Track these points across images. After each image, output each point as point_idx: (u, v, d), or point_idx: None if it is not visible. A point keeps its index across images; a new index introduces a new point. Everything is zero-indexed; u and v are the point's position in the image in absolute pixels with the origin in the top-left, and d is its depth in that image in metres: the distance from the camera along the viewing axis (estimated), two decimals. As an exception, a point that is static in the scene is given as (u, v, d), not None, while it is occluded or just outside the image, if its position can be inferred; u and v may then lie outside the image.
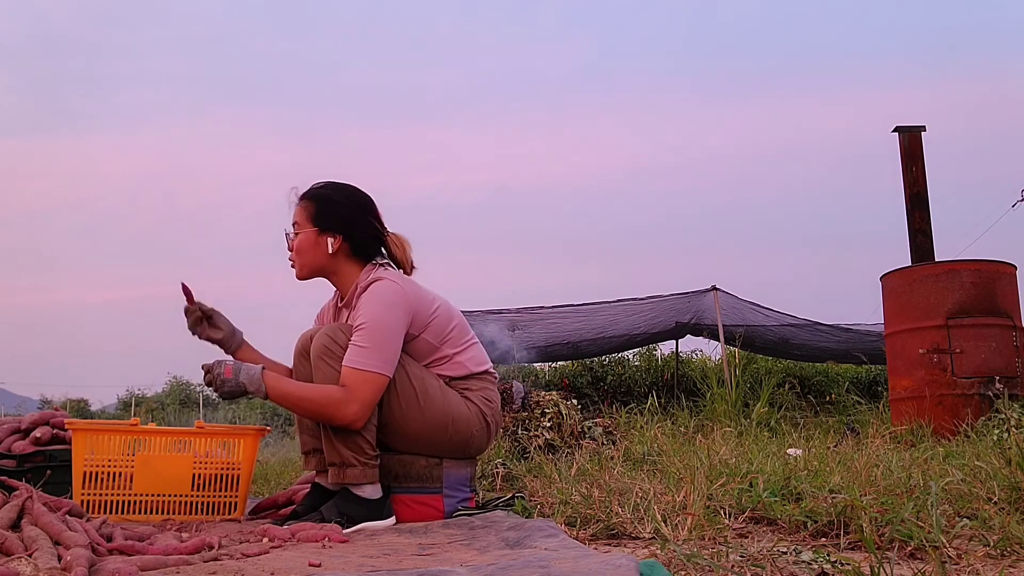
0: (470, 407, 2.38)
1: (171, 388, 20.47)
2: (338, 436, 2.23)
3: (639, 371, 14.93)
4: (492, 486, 3.27)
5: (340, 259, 2.43)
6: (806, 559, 1.53)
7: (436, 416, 2.31)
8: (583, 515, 2.09)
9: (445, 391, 2.36)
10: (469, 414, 2.37)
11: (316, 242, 2.41)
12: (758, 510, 2.05)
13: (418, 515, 2.31)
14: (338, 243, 2.41)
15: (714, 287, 9.87)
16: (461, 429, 2.35)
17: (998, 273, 5.19)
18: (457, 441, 2.36)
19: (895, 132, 7.56)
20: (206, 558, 1.59)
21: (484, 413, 2.41)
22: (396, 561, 1.58)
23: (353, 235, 2.42)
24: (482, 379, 2.47)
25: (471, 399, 2.40)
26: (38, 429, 2.76)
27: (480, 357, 2.51)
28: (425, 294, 2.42)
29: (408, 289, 2.35)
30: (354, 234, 2.42)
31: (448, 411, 2.33)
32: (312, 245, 2.41)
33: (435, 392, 2.33)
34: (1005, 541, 1.60)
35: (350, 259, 2.44)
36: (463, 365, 2.44)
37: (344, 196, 2.46)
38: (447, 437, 2.34)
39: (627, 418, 5.22)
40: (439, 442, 2.34)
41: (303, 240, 2.42)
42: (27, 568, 1.42)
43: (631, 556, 1.31)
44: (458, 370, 2.43)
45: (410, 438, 2.32)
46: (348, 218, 2.42)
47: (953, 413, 4.86)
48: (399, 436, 2.32)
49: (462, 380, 2.43)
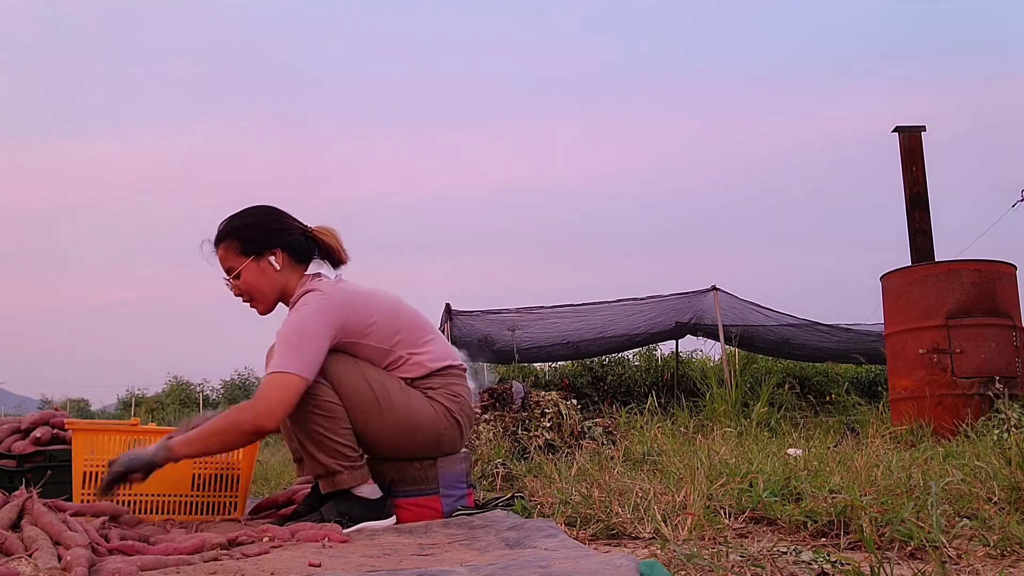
0: (435, 407, 2.32)
1: (171, 388, 20.47)
2: (314, 447, 2.20)
3: (639, 371, 14.93)
4: (492, 486, 3.27)
5: (286, 273, 2.35)
6: (806, 559, 1.53)
7: (400, 421, 2.26)
8: (583, 515, 2.09)
9: (408, 393, 2.30)
10: (435, 414, 2.31)
11: (260, 269, 2.33)
12: (758, 510, 2.05)
13: (417, 518, 2.30)
14: (279, 257, 2.34)
15: (714, 287, 9.88)
16: (428, 431, 2.30)
17: (998, 273, 5.19)
18: (426, 443, 2.31)
19: (895, 132, 7.56)
20: (206, 558, 1.59)
21: (450, 410, 2.34)
22: (396, 561, 1.58)
23: (286, 242, 2.35)
24: (444, 375, 2.38)
25: (435, 398, 2.33)
26: (38, 429, 2.76)
27: (441, 353, 2.41)
28: (362, 299, 2.33)
29: (337, 297, 2.27)
30: (286, 240, 2.35)
31: (412, 415, 2.27)
32: (259, 274, 2.33)
33: (397, 396, 2.27)
34: (1005, 541, 1.60)
35: (295, 268, 2.37)
36: (422, 365, 2.35)
37: (253, 215, 2.39)
38: (415, 440, 2.29)
39: (627, 418, 5.22)
40: (408, 446, 2.29)
41: (248, 275, 2.33)
42: (27, 568, 1.42)
43: (631, 556, 1.31)
44: (418, 370, 2.34)
45: (378, 445, 2.29)
46: (270, 230, 2.36)
47: (953, 413, 4.86)
48: (369, 444, 2.29)
49: (423, 379, 2.35)
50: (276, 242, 2.35)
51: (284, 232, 2.37)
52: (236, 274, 2.35)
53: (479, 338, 11.02)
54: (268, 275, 2.34)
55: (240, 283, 2.35)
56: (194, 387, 20.75)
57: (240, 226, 2.37)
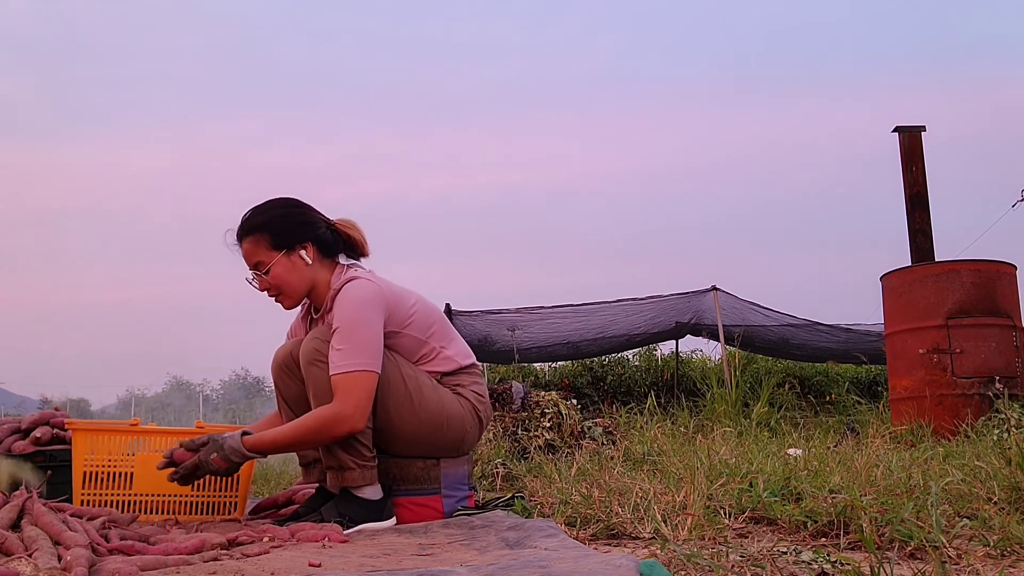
0: (463, 404, 2.35)
1: (171, 388, 20.49)
2: (334, 441, 2.21)
3: (639, 371, 14.91)
4: (492, 486, 3.27)
5: (317, 266, 2.34)
6: (806, 559, 1.53)
7: (431, 416, 2.28)
8: (583, 515, 2.09)
9: (438, 389, 2.33)
10: (463, 411, 2.34)
11: (291, 264, 2.31)
12: (758, 510, 2.05)
13: (418, 517, 2.30)
14: (310, 250, 2.33)
15: (714, 287, 9.88)
16: (455, 427, 2.33)
17: (998, 273, 5.19)
18: (451, 439, 2.33)
19: (895, 132, 7.57)
20: (206, 558, 1.59)
21: (477, 409, 2.38)
22: (396, 561, 1.58)
23: (316, 235, 2.34)
24: (471, 373, 2.42)
25: (463, 395, 2.36)
26: (38, 429, 2.76)
27: (466, 350, 2.45)
28: (400, 289, 2.36)
29: (382, 285, 2.29)
30: (316, 233, 2.35)
31: (443, 410, 2.30)
32: (290, 269, 2.31)
33: (429, 391, 2.29)
34: (1005, 541, 1.60)
35: (323, 263, 2.36)
36: (452, 359, 2.39)
37: (281, 208, 2.37)
38: (442, 436, 2.31)
39: (627, 418, 5.23)
40: (434, 441, 2.31)
41: (278, 270, 2.30)
42: (27, 568, 1.42)
43: (631, 556, 1.31)
44: (448, 365, 2.38)
45: (406, 440, 2.30)
46: (302, 223, 2.35)
47: (953, 413, 4.86)
48: (395, 439, 2.29)
49: (452, 375, 2.38)
50: (308, 235, 2.33)
51: (314, 225, 2.36)
52: (266, 269, 2.30)
53: (479, 338, 11.02)
54: (299, 269, 2.32)
55: (269, 277, 2.31)
56: (194, 387, 20.78)
57: (270, 219, 2.33)
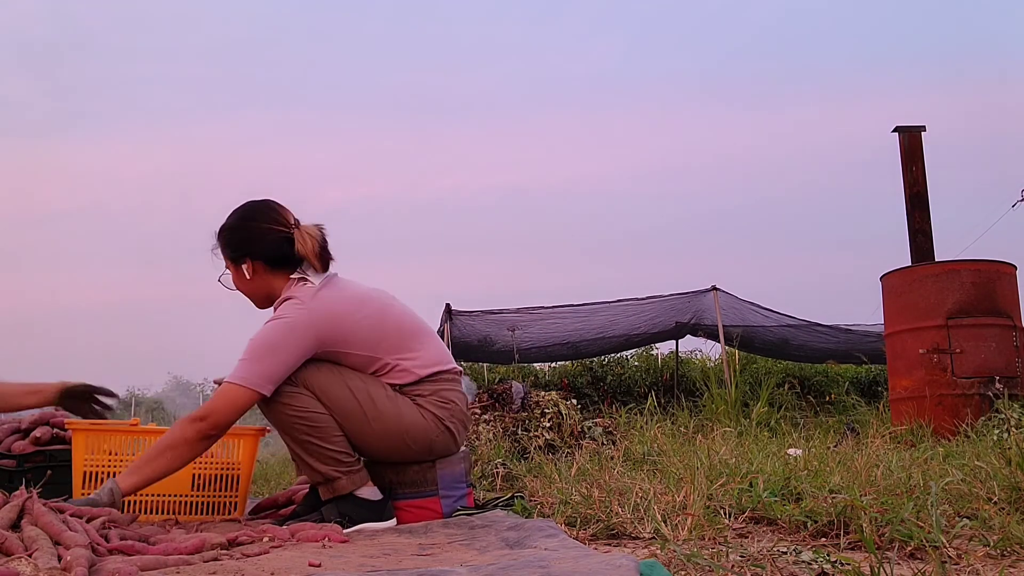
0: (424, 414, 2.27)
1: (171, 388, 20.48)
2: (309, 456, 2.19)
3: (639, 371, 14.91)
4: (492, 486, 3.27)
5: (266, 279, 2.33)
6: (806, 559, 1.53)
7: (388, 429, 2.22)
8: (583, 515, 2.09)
9: (396, 400, 2.25)
10: (424, 422, 2.26)
11: (239, 275, 2.36)
12: (758, 510, 2.05)
13: (417, 520, 2.29)
14: (250, 266, 2.33)
15: (714, 287, 9.88)
16: (419, 438, 2.26)
17: (998, 273, 5.19)
18: (418, 450, 2.28)
19: (895, 132, 7.57)
20: (206, 558, 1.59)
21: (440, 418, 2.28)
22: (396, 561, 1.58)
23: (257, 250, 2.32)
24: (435, 381, 2.32)
25: (423, 405, 2.28)
26: (38, 429, 2.76)
27: (431, 358, 2.34)
28: (343, 306, 2.27)
29: (315, 308, 2.22)
30: (257, 249, 2.32)
31: (401, 422, 2.23)
32: (240, 279, 2.37)
33: (383, 404, 2.23)
34: (1005, 541, 1.60)
35: (274, 274, 2.33)
36: (409, 371, 2.29)
37: (237, 218, 2.39)
38: (407, 446, 2.26)
39: (627, 418, 5.23)
40: (401, 451, 2.27)
41: (233, 279, 2.39)
42: (27, 568, 1.42)
43: (631, 556, 1.31)
44: (404, 377, 2.29)
45: (372, 452, 2.28)
46: (245, 238, 2.35)
47: (953, 413, 4.86)
48: (361, 451, 2.28)
49: (412, 386, 2.29)
50: (248, 250, 2.34)
51: (256, 240, 2.33)
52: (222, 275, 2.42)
53: (479, 338, 11.03)
54: (247, 281, 2.36)
55: (231, 283, 2.40)
56: (194, 387, 20.77)
57: (223, 229, 2.40)
